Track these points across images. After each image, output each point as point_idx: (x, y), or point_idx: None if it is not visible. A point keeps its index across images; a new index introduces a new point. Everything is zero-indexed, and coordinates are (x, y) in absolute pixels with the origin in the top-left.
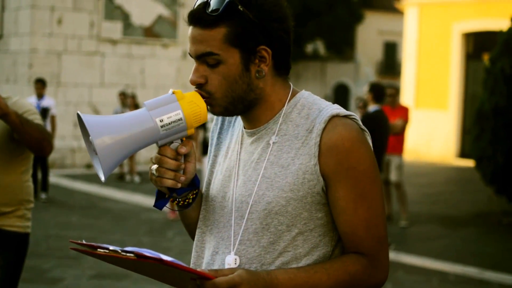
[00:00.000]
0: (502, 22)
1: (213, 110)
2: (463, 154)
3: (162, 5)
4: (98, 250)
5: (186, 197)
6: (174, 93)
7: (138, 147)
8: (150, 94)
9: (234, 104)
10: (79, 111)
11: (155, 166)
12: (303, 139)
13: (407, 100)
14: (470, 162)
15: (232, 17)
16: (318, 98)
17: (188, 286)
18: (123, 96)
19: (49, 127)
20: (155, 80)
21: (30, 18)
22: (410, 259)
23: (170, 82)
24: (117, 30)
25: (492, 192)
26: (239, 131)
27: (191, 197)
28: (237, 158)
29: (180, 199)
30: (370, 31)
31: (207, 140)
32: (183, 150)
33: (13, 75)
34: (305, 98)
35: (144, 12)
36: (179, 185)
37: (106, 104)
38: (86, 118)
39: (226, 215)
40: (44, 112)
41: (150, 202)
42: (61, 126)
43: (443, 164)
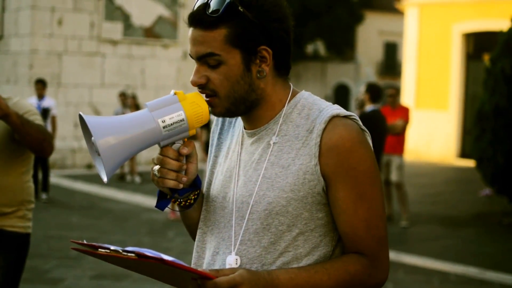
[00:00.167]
0: (502, 23)
1: (214, 111)
2: (464, 154)
3: (163, 5)
4: (99, 250)
5: (188, 197)
6: (175, 94)
7: (140, 148)
8: (150, 94)
9: (236, 104)
10: (81, 112)
11: (157, 167)
12: (304, 140)
13: (408, 100)
14: (470, 163)
15: (232, 18)
16: (318, 99)
17: (189, 286)
18: (124, 96)
19: (49, 128)
20: (156, 80)
21: (30, 18)
22: (411, 259)
23: (171, 83)
24: (117, 30)
25: (492, 192)
26: (240, 132)
27: (193, 197)
28: (237, 158)
29: (181, 200)
30: (370, 32)
31: None
32: (185, 151)
33: (13, 76)
34: (305, 98)
35: (144, 12)
36: (181, 185)
37: (106, 104)
38: (89, 119)
39: (226, 216)
40: (44, 112)
41: (150, 202)
42: (61, 127)
43: (444, 164)
